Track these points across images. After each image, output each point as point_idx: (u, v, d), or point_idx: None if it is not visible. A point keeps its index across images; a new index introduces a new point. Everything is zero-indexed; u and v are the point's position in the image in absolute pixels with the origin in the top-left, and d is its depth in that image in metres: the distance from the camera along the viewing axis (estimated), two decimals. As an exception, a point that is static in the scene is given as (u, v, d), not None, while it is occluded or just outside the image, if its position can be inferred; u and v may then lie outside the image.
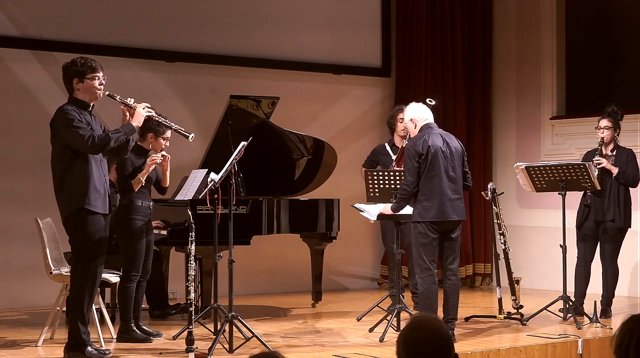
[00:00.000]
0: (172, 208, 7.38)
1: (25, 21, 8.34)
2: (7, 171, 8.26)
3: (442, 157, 6.40)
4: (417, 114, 6.60)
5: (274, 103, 7.63)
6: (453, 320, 6.50)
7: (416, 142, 6.44)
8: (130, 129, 5.88)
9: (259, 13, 9.48)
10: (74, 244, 5.85)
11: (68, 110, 5.74)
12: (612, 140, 7.63)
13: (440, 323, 2.93)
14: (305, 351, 6.24)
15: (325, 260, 8.45)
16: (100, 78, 5.84)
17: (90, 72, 5.80)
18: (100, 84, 5.84)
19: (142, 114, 5.90)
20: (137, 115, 5.89)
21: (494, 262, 8.27)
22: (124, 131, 5.83)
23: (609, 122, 7.60)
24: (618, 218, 7.50)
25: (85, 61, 5.82)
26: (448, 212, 6.39)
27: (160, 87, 8.94)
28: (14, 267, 8.26)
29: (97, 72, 5.82)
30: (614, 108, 7.66)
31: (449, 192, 6.40)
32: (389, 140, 8.12)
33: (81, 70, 5.79)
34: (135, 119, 5.89)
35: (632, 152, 7.68)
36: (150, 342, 6.49)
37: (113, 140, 5.74)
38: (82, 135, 5.66)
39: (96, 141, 5.66)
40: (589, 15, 10.18)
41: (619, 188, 7.52)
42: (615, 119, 7.63)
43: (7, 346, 6.43)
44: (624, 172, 7.49)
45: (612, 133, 7.60)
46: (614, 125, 7.61)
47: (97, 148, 5.70)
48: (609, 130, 7.58)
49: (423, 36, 10.10)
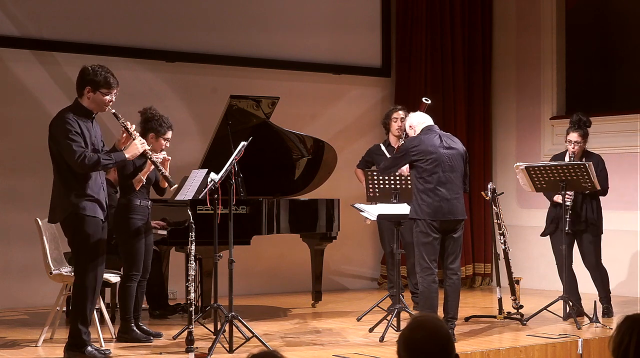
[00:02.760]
0: (172, 208, 7.38)
1: (25, 21, 8.34)
2: (7, 171, 8.26)
3: (440, 158, 6.41)
4: (414, 120, 6.71)
5: (274, 103, 7.64)
6: (453, 320, 6.51)
7: (413, 140, 6.53)
8: (122, 159, 5.89)
9: (259, 13, 9.48)
10: (73, 246, 5.87)
11: (68, 120, 5.72)
12: (582, 151, 7.58)
13: (441, 323, 2.93)
14: (305, 351, 6.25)
15: (325, 260, 8.46)
16: (112, 95, 5.84)
17: (105, 88, 5.80)
18: (110, 101, 5.84)
19: (138, 149, 5.92)
20: (132, 147, 5.90)
21: (494, 262, 8.28)
22: (115, 159, 5.84)
23: (579, 136, 7.48)
24: (592, 227, 7.47)
25: (105, 75, 5.79)
26: (444, 212, 6.39)
27: (160, 87, 8.95)
28: (14, 267, 8.27)
29: (111, 89, 5.82)
30: (581, 117, 7.51)
31: (445, 192, 6.40)
32: (384, 141, 8.12)
33: (97, 81, 5.78)
34: (130, 151, 5.90)
35: (601, 158, 7.58)
36: (150, 342, 6.49)
37: (101, 166, 5.76)
38: (74, 151, 5.65)
39: (85, 162, 5.65)
40: (589, 15, 10.18)
41: (590, 199, 7.48)
42: (585, 129, 7.53)
43: (7, 346, 6.43)
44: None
45: (582, 146, 7.52)
46: (584, 138, 7.52)
47: (84, 168, 5.69)
48: (579, 145, 7.49)
49: (423, 36, 10.10)
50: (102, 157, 5.75)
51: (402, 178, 7.21)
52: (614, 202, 7.69)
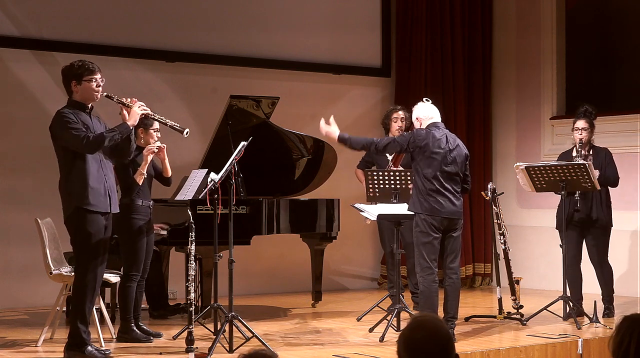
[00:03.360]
0: (172, 208, 7.37)
1: (25, 21, 8.35)
2: (7, 171, 8.26)
3: (441, 155, 6.40)
4: (422, 112, 6.60)
5: (274, 103, 7.64)
6: (453, 319, 6.51)
7: (420, 132, 6.45)
8: (125, 127, 5.90)
9: (259, 13, 9.48)
10: (75, 244, 5.88)
11: (64, 114, 5.80)
12: (589, 141, 7.60)
13: (441, 323, 2.93)
14: (305, 351, 6.25)
15: (325, 260, 8.46)
16: (98, 80, 5.87)
17: (88, 74, 5.84)
18: (98, 86, 5.87)
19: (138, 113, 5.94)
20: (133, 113, 5.93)
21: (494, 262, 8.28)
22: (119, 130, 5.86)
23: (586, 123, 7.53)
24: (602, 218, 7.49)
25: (82, 63, 5.86)
26: (442, 210, 6.38)
27: (160, 87, 8.95)
28: (14, 267, 8.27)
29: (94, 74, 5.86)
30: (588, 108, 7.58)
31: (443, 191, 6.40)
32: (384, 141, 8.11)
33: (78, 73, 5.84)
34: (131, 117, 5.92)
35: (608, 151, 7.63)
36: (150, 342, 6.48)
37: (107, 139, 5.77)
38: (76, 135, 5.71)
39: (90, 140, 5.71)
40: (589, 15, 10.18)
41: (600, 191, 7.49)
42: (591, 119, 7.58)
43: (7, 346, 6.43)
44: (604, 175, 7.48)
45: (589, 134, 7.55)
46: (591, 126, 7.56)
47: (91, 147, 5.73)
48: (586, 132, 7.52)
49: (423, 36, 10.10)
50: (105, 132, 5.82)
51: (402, 178, 7.20)
52: (614, 201, 7.68)
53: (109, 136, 5.79)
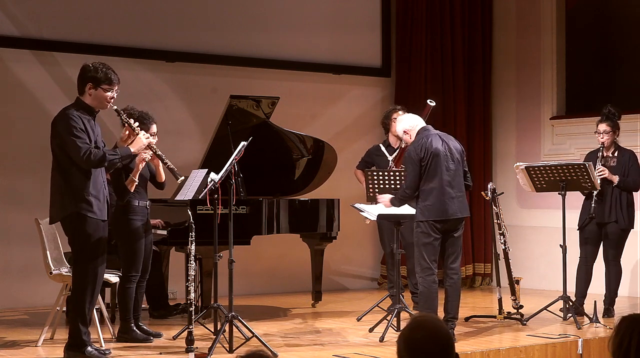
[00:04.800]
0: (172, 208, 7.37)
1: (25, 21, 8.34)
2: (7, 171, 8.26)
3: (441, 158, 6.42)
4: (408, 124, 6.62)
5: (274, 103, 7.63)
6: (453, 319, 6.51)
7: (416, 146, 6.46)
8: (128, 154, 5.89)
9: (259, 13, 9.48)
10: (73, 246, 5.86)
11: (72, 116, 5.72)
12: (613, 143, 7.61)
13: (441, 323, 2.94)
14: (305, 351, 6.25)
15: (325, 260, 8.45)
16: (114, 91, 5.84)
17: (107, 84, 5.80)
18: (111, 98, 5.84)
19: (143, 143, 5.92)
20: (138, 142, 5.91)
21: (494, 262, 8.27)
22: (121, 155, 5.84)
23: (608, 126, 7.55)
24: (621, 220, 7.49)
25: (106, 71, 5.81)
26: (450, 211, 6.40)
27: (160, 87, 8.95)
28: (14, 267, 8.27)
29: (113, 86, 5.83)
30: (611, 109, 7.59)
31: (450, 190, 6.41)
32: (384, 141, 8.12)
33: (99, 78, 5.78)
34: (135, 145, 5.90)
35: (633, 154, 7.65)
36: (150, 342, 6.48)
37: (107, 162, 5.74)
38: (79, 147, 5.65)
39: (91, 158, 5.65)
40: (589, 15, 10.18)
41: (620, 191, 7.51)
42: (614, 120, 7.59)
43: (7, 346, 6.43)
44: (625, 179, 7.48)
45: (612, 136, 7.56)
46: (613, 128, 7.57)
47: (90, 165, 5.69)
48: (608, 134, 7.54)
49: (423, 36, 10.10)
50: (107, 153, 5.76)
51: (402, 178, 7.20)
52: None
53: (110, 159, 5.74)
